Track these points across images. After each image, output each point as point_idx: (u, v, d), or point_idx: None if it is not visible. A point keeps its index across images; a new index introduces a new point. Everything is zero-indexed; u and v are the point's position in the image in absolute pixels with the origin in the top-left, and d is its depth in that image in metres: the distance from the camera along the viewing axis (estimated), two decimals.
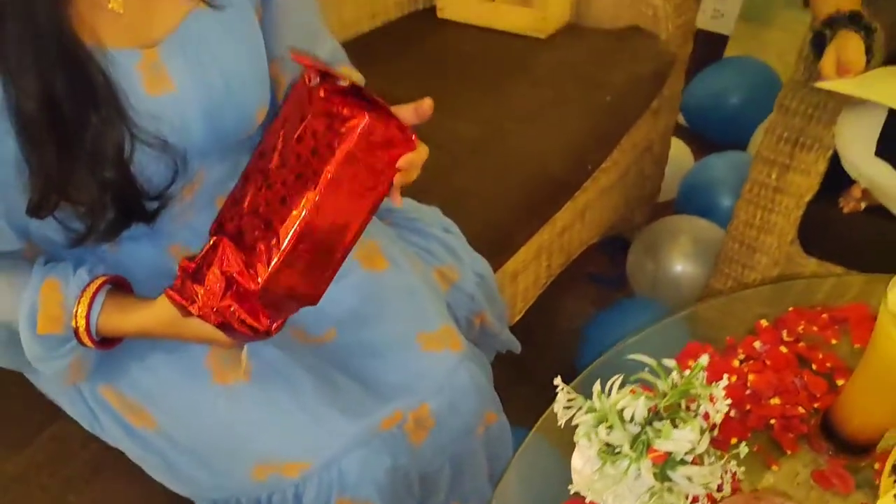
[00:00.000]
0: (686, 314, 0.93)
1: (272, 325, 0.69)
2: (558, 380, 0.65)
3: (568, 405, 0.64)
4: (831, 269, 1.29)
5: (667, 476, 0.59)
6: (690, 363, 0.63)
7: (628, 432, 0.60)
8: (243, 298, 0.66)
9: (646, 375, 0.63)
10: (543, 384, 0.65)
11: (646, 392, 0.62)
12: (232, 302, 0.66)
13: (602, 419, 0.61)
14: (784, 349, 0.84)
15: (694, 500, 0.65)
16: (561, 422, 0.64)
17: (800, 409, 0.78)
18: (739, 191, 1.38)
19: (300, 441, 0.79)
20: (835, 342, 0.86)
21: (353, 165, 0.64)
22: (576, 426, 0.62)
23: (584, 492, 0.63)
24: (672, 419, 0.60)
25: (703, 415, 0.62)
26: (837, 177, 1.20)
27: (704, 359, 0.62)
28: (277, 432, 0.79)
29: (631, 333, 0.88)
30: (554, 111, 1.44)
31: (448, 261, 1.04)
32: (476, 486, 0.94)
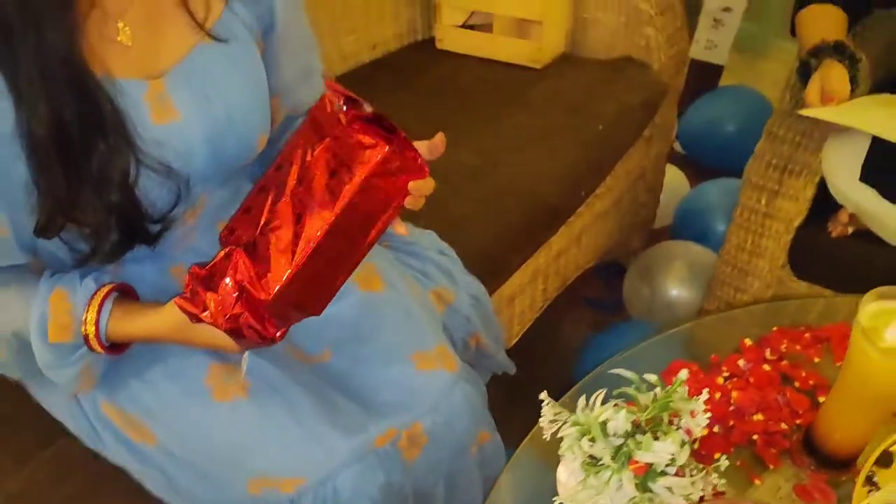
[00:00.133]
0: (674, 332, 0.95)
1: (277, 333, 0.71)
2: (544, 394, 0.67)
3: (554, 419, 0.66)
4: (821, 292, 1.30)
5: (647, 487, 0.61)
6: (673, 379, 0.66)
7: (610, 445, 0.62)
8: (253, 307, 0.68)
9: (630, 390, 0.66)
10: (539, 406, 0.67)
11: (628, 406, 0.64)
12: (243, 310, 0.68)
13: (586, 432, 0.63)
14: (767, 367, 0.86)
15: None
16: (546, 435, 0.66)
17: (782, 426, 0.79)
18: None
19: (296, 457, 0.81)
20: (817, 360, 0.88)
21: (369, 191, 0.67)
22: (562, 439, 0.65)
23: (569, 503, 0.64)
24: (654, 432, 0.63)
25: (686, 429, 0.64)
26: (826, 202, 1.22)
27: (684, 373, 0.64)
28: (274, 448, 0.81)
29: (620, 352, 0.90)
30: (548, 140, 1.47)
31: (443, 282, 1.06)
32: None
